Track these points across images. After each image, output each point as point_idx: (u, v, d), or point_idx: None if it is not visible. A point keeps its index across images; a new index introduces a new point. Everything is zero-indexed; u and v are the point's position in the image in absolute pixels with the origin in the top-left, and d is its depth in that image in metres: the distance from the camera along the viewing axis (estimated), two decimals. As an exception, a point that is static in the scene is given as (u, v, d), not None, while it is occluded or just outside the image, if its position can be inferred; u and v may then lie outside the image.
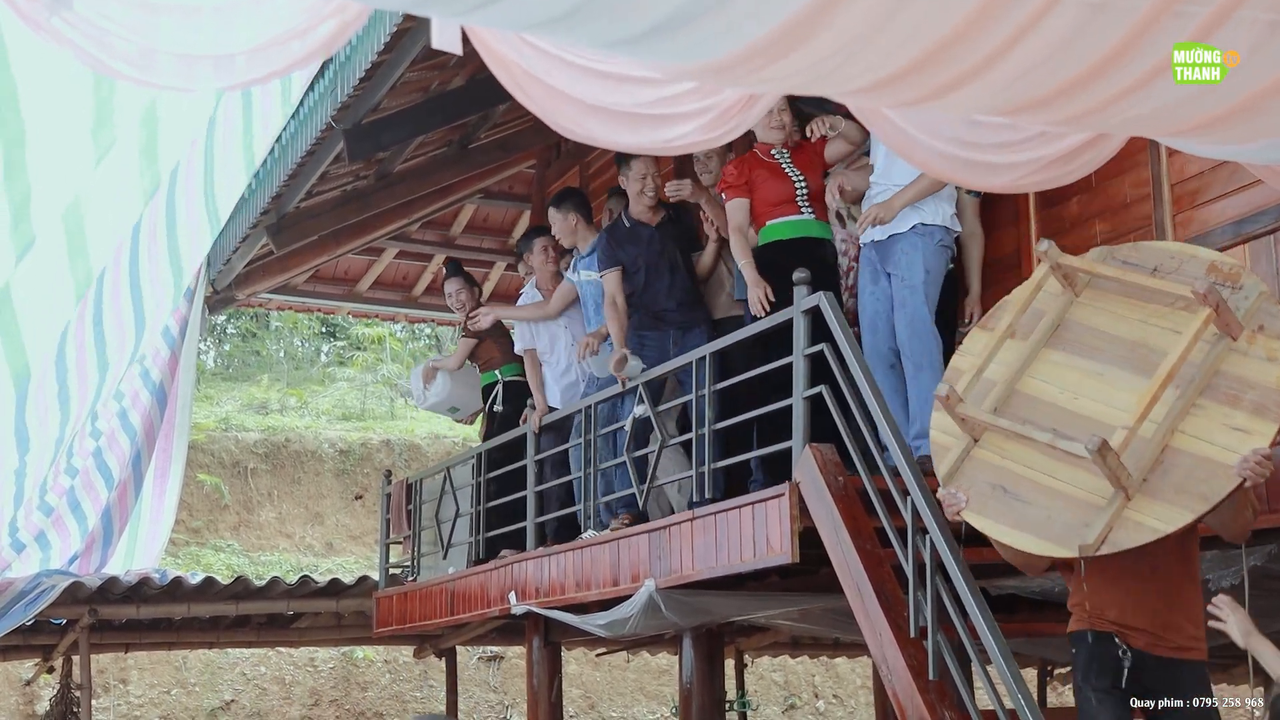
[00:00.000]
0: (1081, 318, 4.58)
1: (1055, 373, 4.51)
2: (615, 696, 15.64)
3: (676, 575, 6.37)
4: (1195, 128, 2.51)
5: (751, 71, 2.34)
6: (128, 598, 9.87)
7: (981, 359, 4.62)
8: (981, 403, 4.52)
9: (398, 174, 10.03)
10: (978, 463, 4.50)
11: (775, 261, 6.45)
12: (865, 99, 2.54)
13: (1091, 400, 4.38)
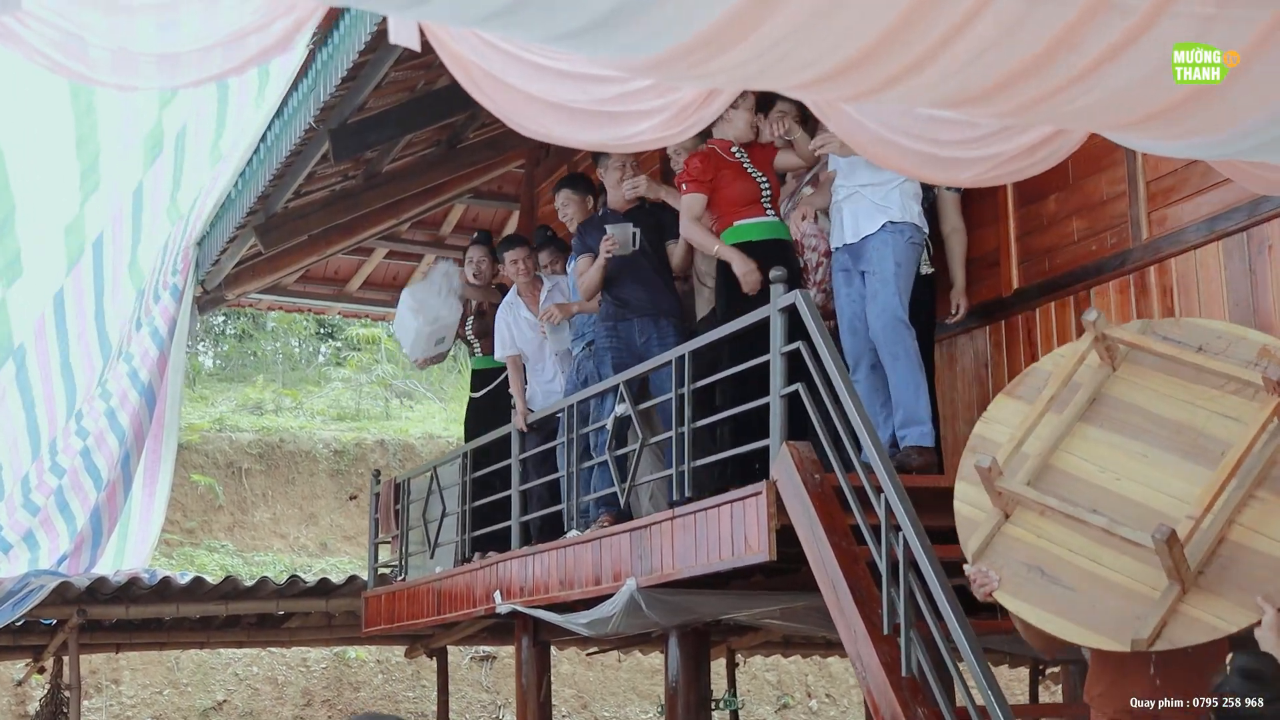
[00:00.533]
0: (1121, 393, 4.38)
1: (1093, 450, 4.32)
2: (608, 696, 15.65)
3: (657, 574, 6.38)
4: (1136, 122, 2.52)
5: (694, 65, 2.35)
6: (117, 598, 9.88)
7: (1019, 431, 4.40)
8: (1014, 476, 4.31)
9: (386, 174, 10.04)
10: (1010, 540, 4.31)
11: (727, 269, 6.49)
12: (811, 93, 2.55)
13: (1135, 482, 4.19)
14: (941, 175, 4.15)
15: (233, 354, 22.68)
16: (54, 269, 6.14)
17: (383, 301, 12.61)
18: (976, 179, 3.72)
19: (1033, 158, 3.18)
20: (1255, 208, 5.00)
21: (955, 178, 4.28)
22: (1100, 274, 5.72)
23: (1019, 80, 2.41)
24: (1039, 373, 4.57)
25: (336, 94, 7.59)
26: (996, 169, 3.28)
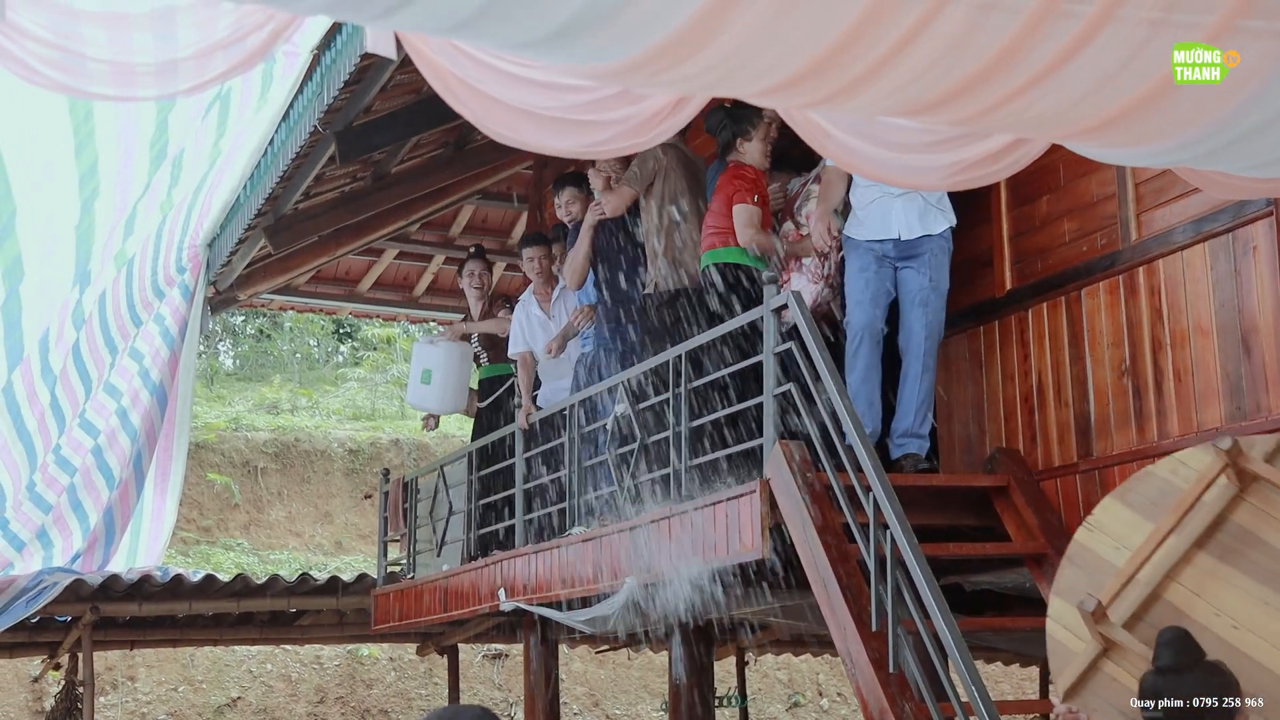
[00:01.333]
0: (1248, 523, 3.89)
1: (1210, 588, 3.84)
2: (619, 694, 15.73)
3: (655, 572, 6.45)
4: (1087, 130, 2.57)
5: (656, 73, 2.42)
6: (129, 595, 9.99)
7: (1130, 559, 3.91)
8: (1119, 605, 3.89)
9: (394, 175, 10.13)
10: (1108, 681, 3.88)
11: (737, 282, 6.57)
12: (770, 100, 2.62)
13: (1254, 635, 3.70)
14: (906, 180, 4.21)
15: (250, 354, 22.84)
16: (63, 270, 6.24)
17: (394, 302, 12.71)
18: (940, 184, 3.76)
19: (998, 164, 3.24)
20: (1240, 210, 5.04)
21: (919, 182, 4.34)
22: (1090, 275, 5.77)
23: (970, 89, 2.47)
24: (1154, 479, 4.10)
25: (341, 97, 7.69)
26: (960, 174, 3.34)
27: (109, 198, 5.01)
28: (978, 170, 3.26)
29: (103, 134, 4.63)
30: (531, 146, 3.46)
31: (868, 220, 6.29)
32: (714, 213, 6.82)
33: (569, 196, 8.10)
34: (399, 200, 10.29)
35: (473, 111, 3.25)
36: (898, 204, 6.20)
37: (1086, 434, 5.77)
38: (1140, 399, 5.51)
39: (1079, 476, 5.76)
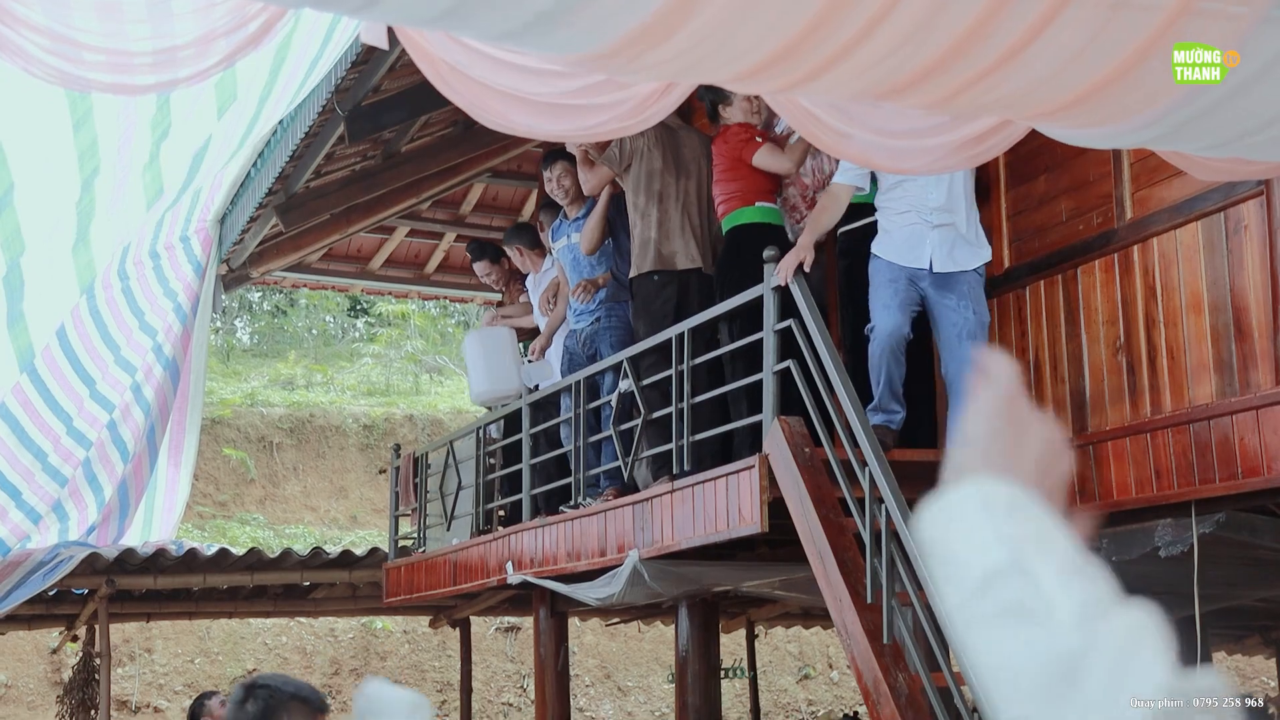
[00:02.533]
0: None
1: None
2: (630, 666, 15.88)
3: (658, 546, 6.56)
4: (1052, 111, 2.64)
5: (631, 60, 2.50)
6: (145, 568, 10.14)
7: None
8: None
9: (404, 154, 10.22)
10: None
11: (749, 245, 6.61)
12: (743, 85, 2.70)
13: None
14: (890, 163, 4.28)
15: (266, 330, 22.99)
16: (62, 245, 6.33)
17: (405, 279, 12.81)
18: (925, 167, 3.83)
19: (981, 145, 3.30)
20: (1231, 189, 5.10)
21: (903, 166, 4.40)
22: (1086, 253, 5.84)
23: (936, 72, 2.55)
24: None
25: (349, 77, 7.78)
26: (945, 158, 3.41)
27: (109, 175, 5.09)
28: (965, 152, 3.33)
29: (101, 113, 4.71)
30: (523, 132, 3.54)
31: (899, 241, 6.06)
32: (718, 181, 6.92)
33: (560, 170, 8.21)
34: (409, 178, 10.38)
35: (464, 98, 3.33)
36: (933, 234, 5.98)
37: (1081, 410, 5.85)
38: (1134, 375, 5.58)
39: (1073, 451, 5.83)
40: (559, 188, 8.24)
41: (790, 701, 16.05)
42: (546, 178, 8.32)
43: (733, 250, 6.74)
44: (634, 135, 7.07)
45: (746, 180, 6.84)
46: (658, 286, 7.13)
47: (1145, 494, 5.38)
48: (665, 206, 7.18)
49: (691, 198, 7.25)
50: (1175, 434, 5.27)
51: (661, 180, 7.20)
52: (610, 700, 15.58)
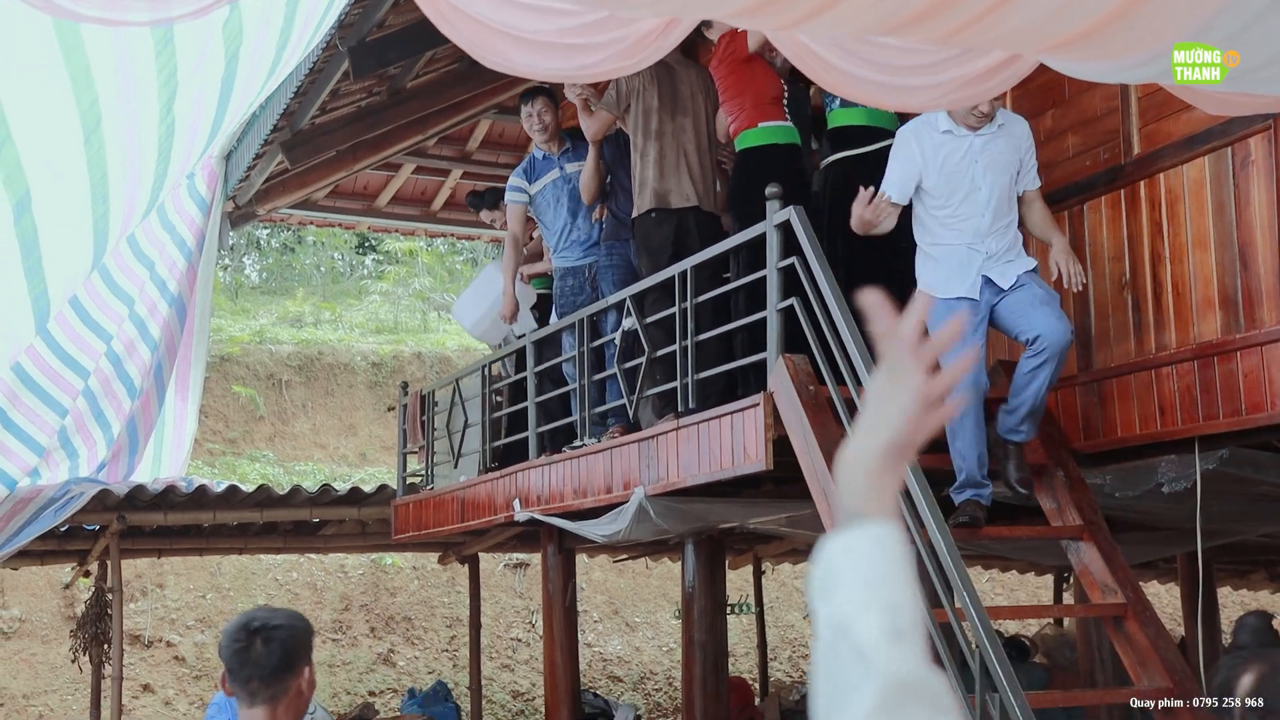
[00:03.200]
0: None
1: None
2: (638, 602, 15.99)
3: (664, 483, 6.58)
4: (1060, 45, 2.61)
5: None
6: (155, 505, 10.20)
7: None
8: None
9: (410, 90, 10.17)
10: None
11: (758, 172, 6.56)
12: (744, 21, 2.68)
13: None
14: (893, 101, 4.25)
15: (274, 267, 22.98)
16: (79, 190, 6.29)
17: (412, 216, 12.79)
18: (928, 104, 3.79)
19: (987, 82, 3.27)
20: (1239, 124, 5.06)
21: (908, 103, 4.36)
22: (1093, 189, 5.81)
23: (942, 6, 2.52)
24: None
25: (353, 11, 7.72)
26: (949, 94, 3.38)
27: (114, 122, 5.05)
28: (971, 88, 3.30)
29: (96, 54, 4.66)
30: (521, 71, 3.52)
31: (946, 273, 5.59)
32: (722, 104, 6.94)
33: (541, 105, 8.19)
34: (415, 115, 10.33)
35: (464, 36, 3.30)
36: (981, 262, 5.53)
37: (1087, 346, 5.84)
38: (1139, 312, 5.57)
39: (1079, 388, 5.84)
40: (538, 123, 8.22)
41: (797, 637, 16.17)
42: (526, 113, 8.28)
43: (740, 176, 6.72)
44: (630, 75, 7.01)
45: (745, 97, 6.78)
46: (655, 224, 7.11)
47: (1149, 430, 5.39)
48: (662, 145, 7.14)
49: (688, 134, 7.18)
50: (1180, 370, 5.27)
51: (659, 118, 7.16)
52: (618, 636, 15.71)
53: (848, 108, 6.35)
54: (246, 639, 2.94)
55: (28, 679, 13.69)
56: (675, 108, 7.19)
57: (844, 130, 6.48)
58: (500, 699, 14.81)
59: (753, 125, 6.71)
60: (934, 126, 5.47)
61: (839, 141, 6.50)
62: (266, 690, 2.90)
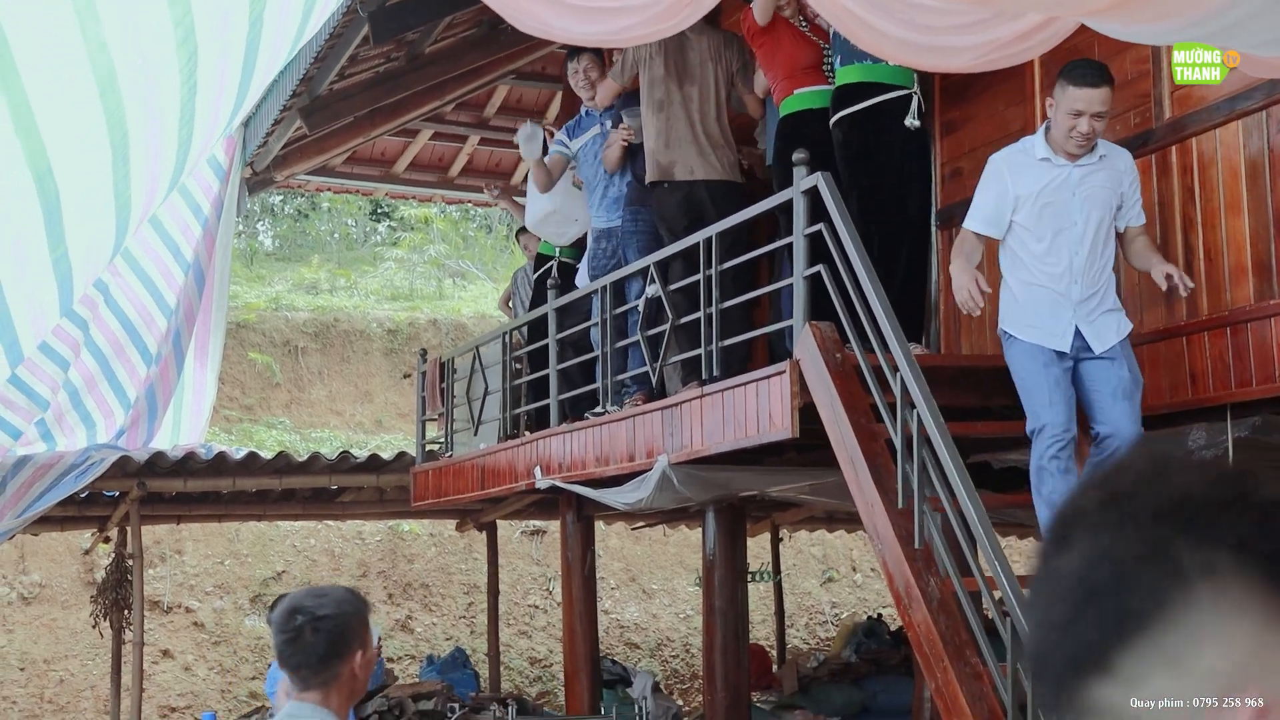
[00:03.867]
0: None
1: None
2: (655, 569, 16.00)
3: (688, 451, 6.56)
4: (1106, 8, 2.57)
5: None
6: (175, 471, 10.22)
7: None
8: None
9: (428, 55, 10.12)
10: None
11: (793, 138, 6.50)
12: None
13: None
14: (931, 62, 4.19)
15: (289, 234, 22.95)
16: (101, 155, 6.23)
17: (429, 183, 12.75)
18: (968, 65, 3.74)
19: (1026, 43, 3.22)
20: (1274, 87, 4.99)
21: (946, 64, 4.30)
22: (1124, 154, 5.74)
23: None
24: None
25: (374, -24, 7.67)
26: (989, 55, 3.33)
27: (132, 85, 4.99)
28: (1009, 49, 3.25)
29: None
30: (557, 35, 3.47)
31: (1034, 319, 5.23)
32: (763, 70, 6.85)
33: (587, 62, 8.09)
34: (433, 81, 10.28)
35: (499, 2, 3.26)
36: (1074, 311, 5.16)
37: (1116, 314, 5.78)
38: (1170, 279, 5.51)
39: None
40: (584, 79, 8.13)
41: (814, 604, 16.18)
42: (572, 69, 8.18)
43: (778, 142, 6.67)
44: (638, 45, 6.96)
45: (777, 67, 6.75)
46: (666, 194, 7.10)
47: (1180, 398, 5.34)
48: (666, 115, 7.09)
49: (695, 104, 7.11)
50: (1212, 337, 5.21)
51: (664, 88, 7.10)
52: (635, 603, 15.74)
53: (847, 65, 6.23)
54: (294, 630, 2.93)
55: (48, 644, 13.76)
56: (683, 77, 7.12)
57: (847, 88, 6.32)
58: (518, 665, 14.85)
59: (788, 94, 6.67)
60: (1029, 154, 5.11)
61: (842, 99, 6.34)
62: (316, 677, 2.91)
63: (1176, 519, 0.94)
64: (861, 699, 10.94)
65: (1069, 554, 0.98)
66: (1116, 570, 0.95)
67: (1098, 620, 0.95)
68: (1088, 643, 0.96)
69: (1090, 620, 0.96)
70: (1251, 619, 0.93)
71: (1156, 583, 0.94)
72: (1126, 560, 0.95)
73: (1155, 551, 0.94)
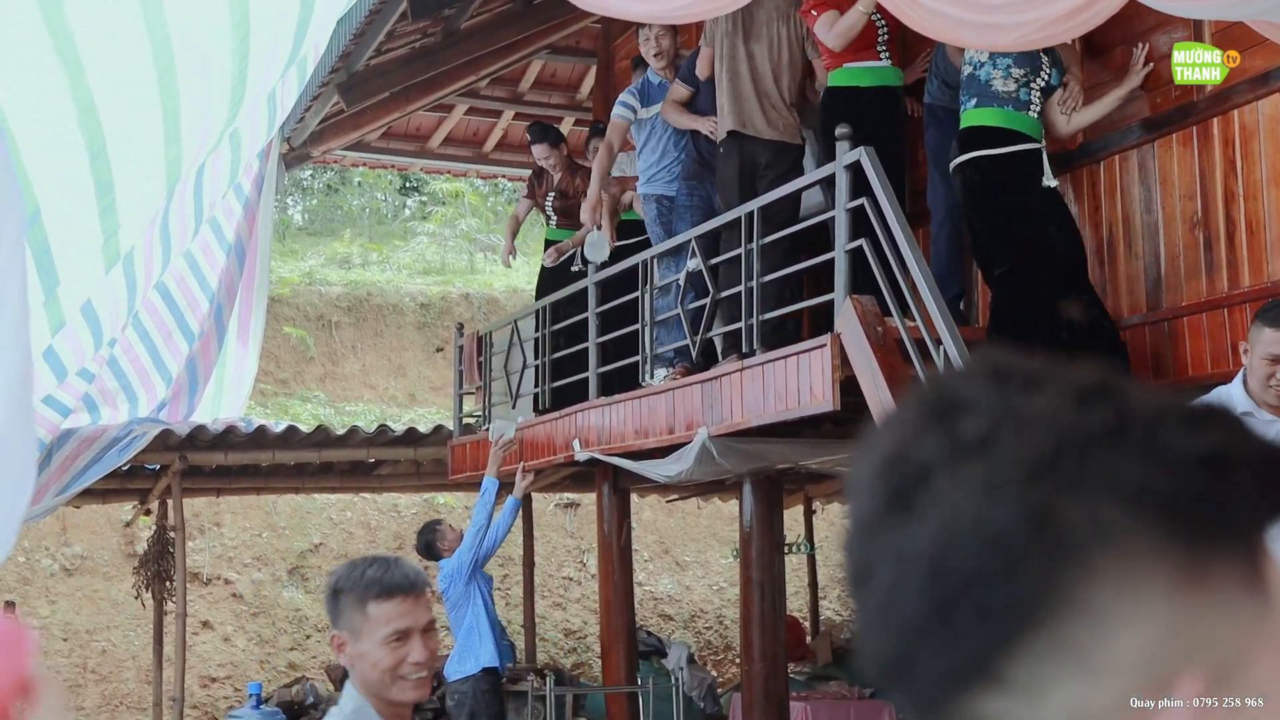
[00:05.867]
0: None
1: None
2: (688, 542, 16.09)
3: (727, 424, 6.61)
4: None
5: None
6: (216, 445, 10.34)
7: None
8: None
9: (464, 31, 10.16)
10: None
11: (845, 113, 6.42)
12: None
13: None
14: (982, 40, 4.21)
15: (320, 209, 23.04)
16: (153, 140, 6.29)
17: (464, 158, 12.81)
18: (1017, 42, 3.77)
19: (1074, 20, 3.25)
20: (1318, 60, 5.00)
21: (995, 41, 4.32)
22: (1165, 127, 5.75)
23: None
24: None
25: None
26: (1039, 32, 3.35)
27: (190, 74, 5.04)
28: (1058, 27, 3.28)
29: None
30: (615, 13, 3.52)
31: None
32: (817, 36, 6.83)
33: (660, 30, 7.87)
34: (468, 56, 10.33)
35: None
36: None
37: (1157, 286, 5.81)
38: (1211, 251, 5.54)
39: (1148, 328, 5.82)
40: (655, 47, 7.92)
41: (846, 576, 16.24)
42: (644, 37, 7.92)
43: (824, 114, 6.67)
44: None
45: None
46: (723, 156, 7.08)
47: (1221, 369, 5.37)
48: (731, 70, 7.00)
49: (759, 61, 6.99)
50: (1254, 309, 5.23)
51: (730, 43, 7.01)
52: (669, 575, 15.82)
53: (982, 108, 5.81)
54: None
55: (90, 615, 13.94)
56: (749, 34, 7.01)
57: (978, 130, 5.86)
58: (552, 637, 14.97)
59: (837, 65, 6.65)
60: (1229, 406, 4.35)
61: (971, 141, 5.90)
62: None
63: (1055, 471, 0.72)
64: (895, 669, 11.00)
65: (914, 527, 0.74)
66: (989, 549, 0.72)
67: (975, 617, 0.72)
68: (966, 648, 0.73)
69: (965, 618, 0.73)
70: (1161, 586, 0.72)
71: (1043, 560, 0.71)
72: (1002, 536, 0.72)
73: (1035, 519, 0.71)
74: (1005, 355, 0.78)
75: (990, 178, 5.74)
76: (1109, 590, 0.72)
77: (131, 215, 5.54)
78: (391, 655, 2.69)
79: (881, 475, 0.77)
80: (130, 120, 4.76)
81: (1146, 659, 0.72)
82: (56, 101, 4.12)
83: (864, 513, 0.78)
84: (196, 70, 4.78)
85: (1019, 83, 5.67)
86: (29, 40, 3.80)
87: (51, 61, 3.95)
